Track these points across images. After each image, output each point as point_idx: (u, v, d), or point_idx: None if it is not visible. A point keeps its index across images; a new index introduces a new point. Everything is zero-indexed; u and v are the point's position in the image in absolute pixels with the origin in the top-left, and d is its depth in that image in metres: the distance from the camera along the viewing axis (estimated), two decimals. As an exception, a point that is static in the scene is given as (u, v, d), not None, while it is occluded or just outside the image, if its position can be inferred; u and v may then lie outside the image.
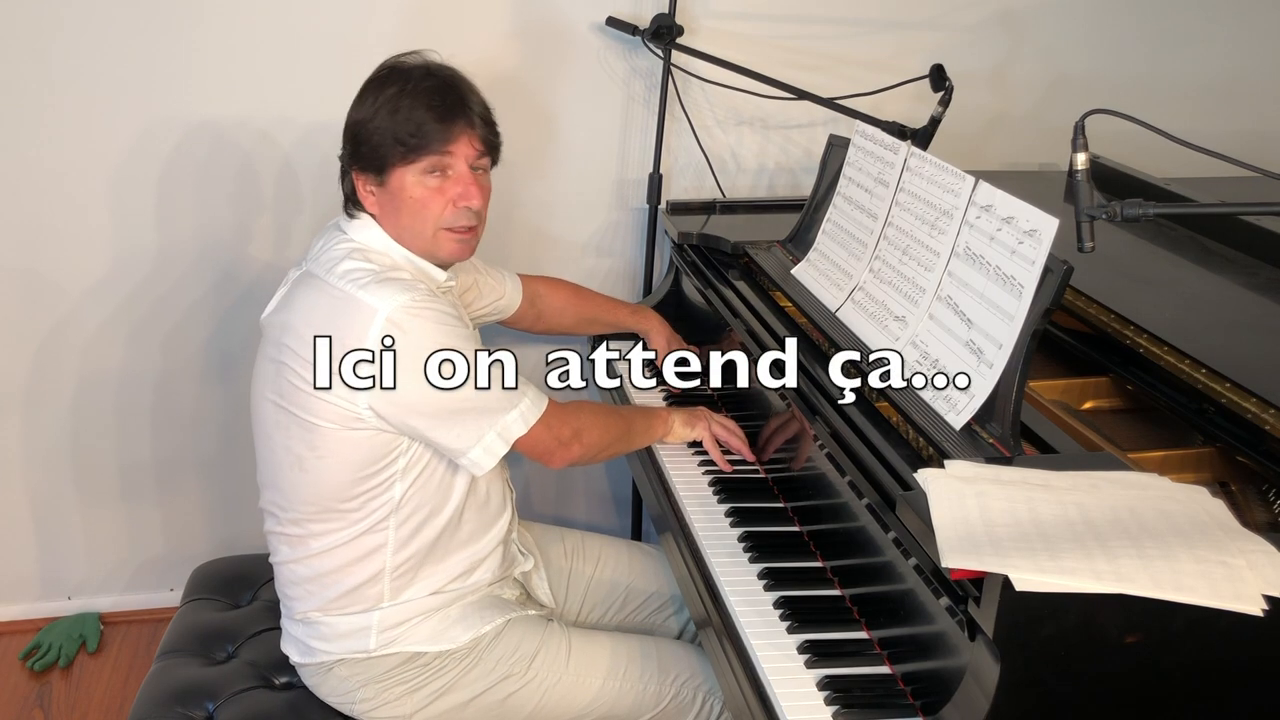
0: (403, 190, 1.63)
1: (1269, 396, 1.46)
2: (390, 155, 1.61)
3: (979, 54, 2.56)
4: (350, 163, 1.67)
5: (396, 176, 1.62)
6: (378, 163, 1.63)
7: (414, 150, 1.61)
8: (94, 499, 2.51)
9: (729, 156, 2.53)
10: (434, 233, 1.65)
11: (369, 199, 1.66)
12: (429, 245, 1.66)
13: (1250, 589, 1.11)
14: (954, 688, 1.22)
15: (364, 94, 1.66)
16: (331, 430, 1.58)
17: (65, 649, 2.47)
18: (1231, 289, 1.90)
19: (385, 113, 1.61)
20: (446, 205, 1.64)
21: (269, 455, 1.68)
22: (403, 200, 1.63)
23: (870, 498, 1.46)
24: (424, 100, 1.61)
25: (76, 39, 2.13)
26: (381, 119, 1.61)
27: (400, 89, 1.61)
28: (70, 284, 2.31)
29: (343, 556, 1.66)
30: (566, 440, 1.72)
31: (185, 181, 2.27)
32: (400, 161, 1.61)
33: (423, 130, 1.60)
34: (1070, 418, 1.63)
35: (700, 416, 1.93)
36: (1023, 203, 1.45)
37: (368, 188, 1.66)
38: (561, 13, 2.32)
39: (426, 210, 1.63)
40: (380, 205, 1.66)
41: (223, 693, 1.74)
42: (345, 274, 1.59)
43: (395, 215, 1.65)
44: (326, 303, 1.59)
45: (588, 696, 1.74)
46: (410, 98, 1.61)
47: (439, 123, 1.61)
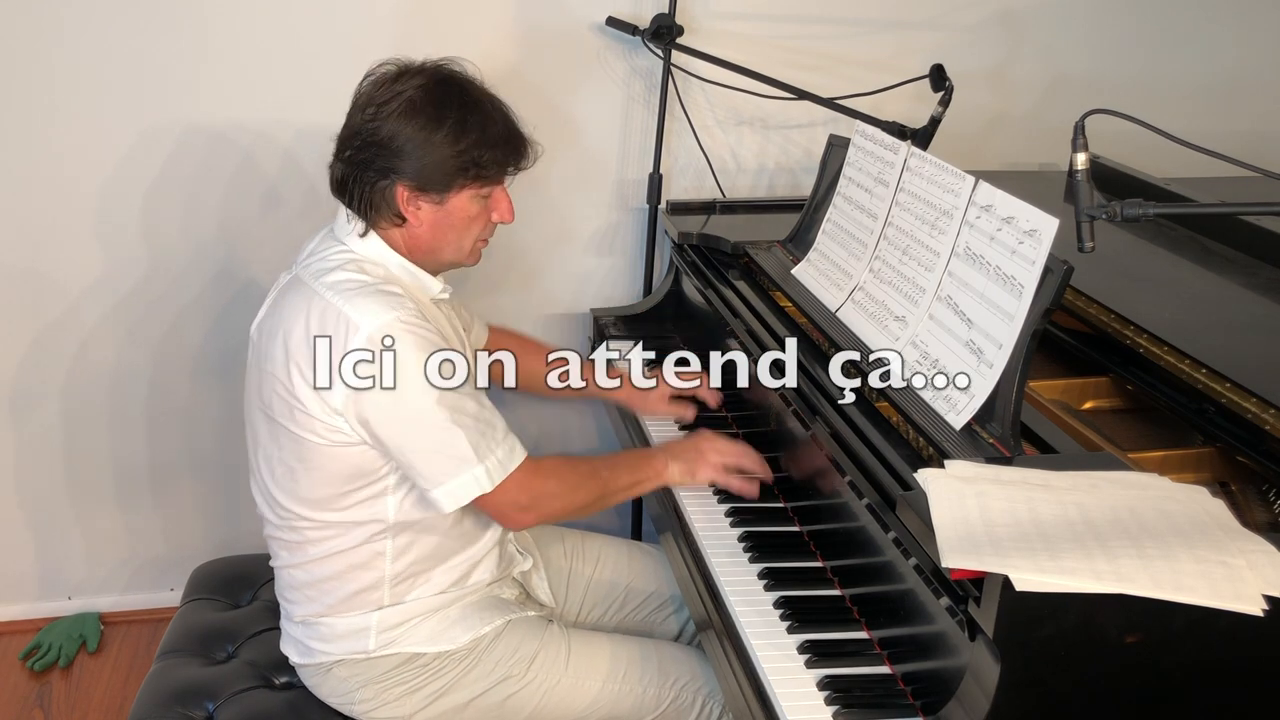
0: (460, 209, 1.65)
1: (1269, 396, 1.46)
2: (457, 180, 1.62)
3: (979, 54, 2.56)
4: (400, 176, 1.61)
5: (461, 198, 1.64)
6: (443, 182, 1.62)
7: (486, 180, 1.65)
8: (94, 499, 2.51)
9: (729, 156, 2.53)
10: (471, 245, 1.71)
11: (416, 213, 1.63)
12: (461, 258, 1.71)
13: (1250, 589, 1.11)
14: (954, 688, 1.22)
15: (410, 111, 1.58)
16: (318, 444, 1.58)
17: (65, 649, 2.47)
18: (1231, 289, 1.90)
19: (449, 140, 1.59)
20: (489, 223, 1.71)
21: (261, 463, 1.68)
22: (459, 218, 1.66)
23: (870, 498, 1.46)
24: (502, 134, 1.64)
25: (76, 40, 2.13)
26: (445, 147, 1.59)
27: (463, 115, 1.60)
28: (69, 283, 2.31)
29: (341, 564, 1.66)
30: (524, 507, 1.65)
31: (182, 183, 2.27)
32: (469, 186, 1.64)
33: (501, 162, 1.66)
34: (1070, 418, 1.63)
35: (702, 460, 1.80)
36: (1023, 203, 1.45)
37: (417, 202, 1.63)
38: (561, 12, 2.32)
39: (474, 226, 1.69)
40: (433, 220, 1.65)
41: (223, 693, 1.74)
42: (334, 284, 1.58)
43: (444, 230, 1.66)
44: (310, 312, 1.57)
45: (587, 699, 1.74)
46: (492, 128, 1.63)
47: (513, 159, 1.67)
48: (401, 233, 1.65)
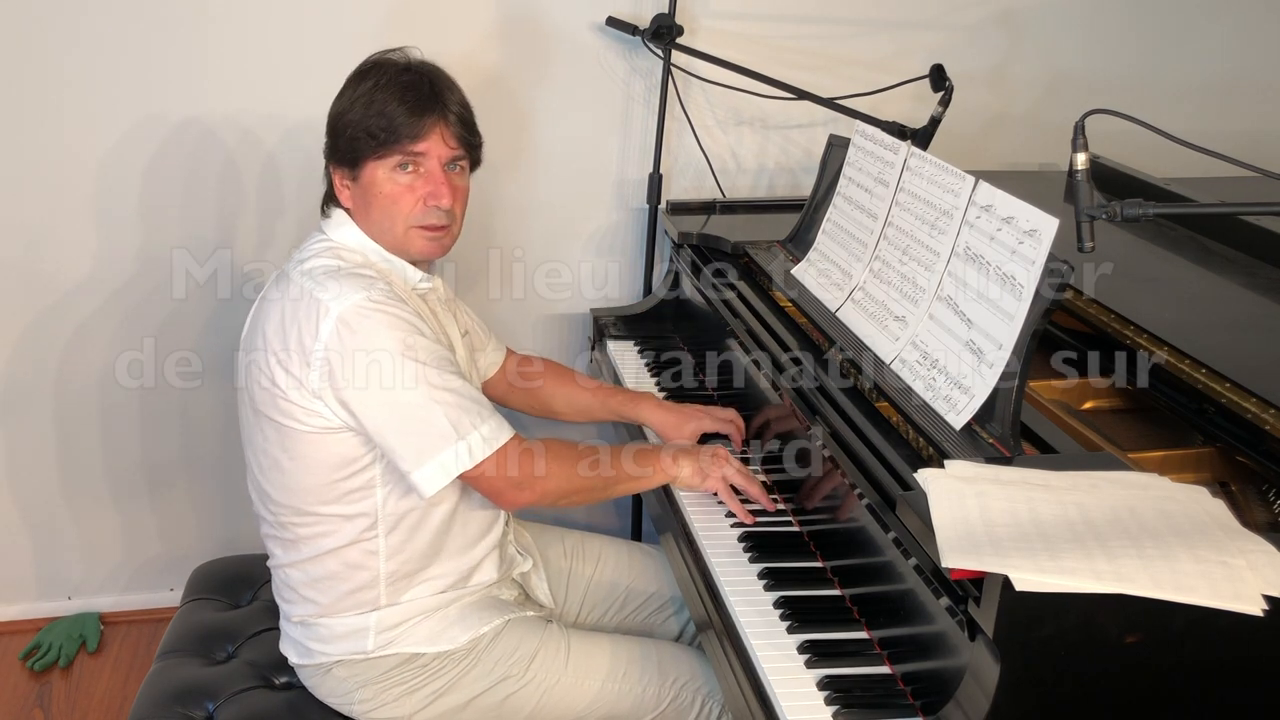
0: (374, 185, 1.62)
1: (1269, 396, 1.46)
2: (363, 149, 1.61)
3: (979, 54, 2.56)
4: (328, 155, 1.68)
5: (369, 171, 1.62)
6: (351, 156, 1.62)
7: (384, 144, 1.60)
8: (94, 499, 2.51)
9: (729, 156, 2.53)
10: (405, 230, 1.64)
11: (344, 193, 1.66)
12: (400, 242, 1.66)
13: (1250, 589, 1.11)
14: (954, 688, 1.22)
15: (345, 88, 1.66)
16: (301, 431, 1.58)
17: (65, 649, 2.47)
18: (1231, 289, 1.90)
19: (360, 105, 1.61)
20: (417, 203, 1.63)
21: (252, 458, 1.68)
22: (374, 195, 1.63)
23: (870, 498, 1.46)
24: (397, 94, 1.60)
25: (70, 34, 2.13)
26: (356, 112, 1.61)
27: (376, 82, 1.61)
28: (64, 280, 2.31)
29: (334, 563, 1.65)
30: (518, 483, 1.61)
31: (176, 179, 2.27)
32: (371, 155, 1.61)
33: (394, 124, 1.59)
34: (1070, 418, 1.63)
35: (717, 463, 1.75)
36: (1023, 203, 1.45)
37: (343, 182, 1.66)
38: (561, 13, 2.32)
39: (396, 206, 1.63)
40: (354, 200, 1.66)
41: (223, 693, 1.74)
42: (308, 271, 1.60)
43: (367, 210, 1.64)
44: (286, 298, 1.59)
45: (586, 699, 1.74)
46: (384, 91, 1.60)
47: (410, 116, 1.60)
48: (353, 218, 1.67)
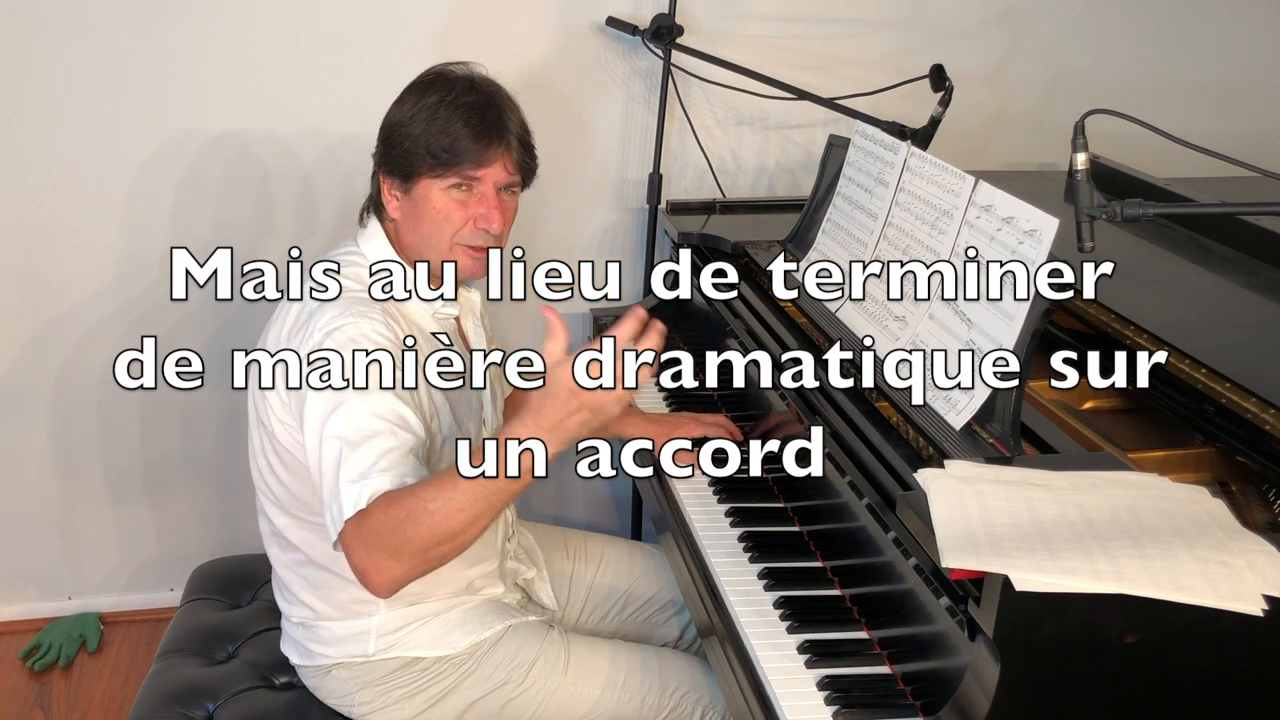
0: (426, 200, 1.60)
1: (1269, 396, 1.46)
2: (420, 165, 1.58)
3: (979, 54, 2.56)
4: (380, 164, 1.65)
5: (422, 186, 1.60)
6: (406, 169, 1.60)
7: (445, 165, 1.58)
8: (94, 499, 2.51)
9: (729, 156, 2.53)
10: (450, 246, 1.63)
11: (392, 203, 1.64)
12: (444, 258, 1.64)
13: (1250, 589, 1.11)
14: (954, 687, 1.22)
15: (404, 96, 1.62)
16: (284, 441, 1.58)
17: (65, 649, 2.47)
18: (1231, 289, 1.90)
19: (422, 120, 1.58)
20: (467, 222, 1.61)
21: (251, 461, 1.69)
22: (425, 210, 1.61)
23: (870, 498, 1.46)
24: (462, 115, 1.57)
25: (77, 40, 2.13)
26: (417, 126, 1.58)
27: (441, 99, 1.58)
28: (65, 283, 2.31)
29: (328, 572, 1.65)
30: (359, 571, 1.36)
31: (178, 183, 2.27)
32: (429, 173, 1.58)
33: (457, 147, 1.57)
34: (1070, 418, 1.63)
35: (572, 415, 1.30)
36: (1023, 203, 1.45)
37: (393, 191, 1.63)
38: (561, 13, 2.32)
39: (447, 223, 1.61)
40: (402, 210, 1.64)
41: (223, 693, 1.74)
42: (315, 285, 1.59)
43: (415, 223, 1.62)
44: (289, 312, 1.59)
45: (586, 706, 1.73)
46: (449, 109, 1.57)
47: (475, 142, 1.57)
48: (391, 226, 1.66)
